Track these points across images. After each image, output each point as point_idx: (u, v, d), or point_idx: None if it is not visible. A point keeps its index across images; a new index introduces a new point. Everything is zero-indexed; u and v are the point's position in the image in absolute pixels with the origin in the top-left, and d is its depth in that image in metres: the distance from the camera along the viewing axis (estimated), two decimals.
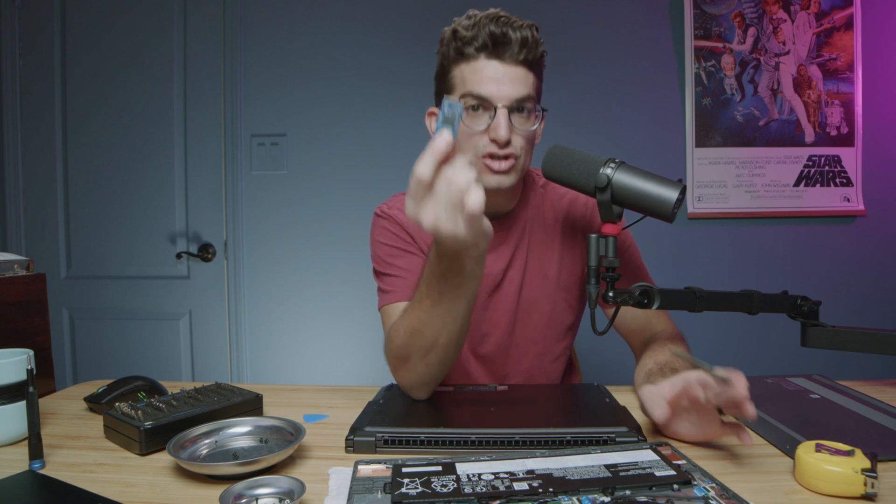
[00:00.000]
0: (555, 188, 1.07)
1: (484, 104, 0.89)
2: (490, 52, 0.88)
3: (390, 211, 1.06)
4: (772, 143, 2.00)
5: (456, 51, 0.91)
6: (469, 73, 0.90)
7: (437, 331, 0.78)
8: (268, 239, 2.09)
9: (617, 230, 0.80)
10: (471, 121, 0.91)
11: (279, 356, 2.09)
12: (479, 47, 0.88)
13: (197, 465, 0.63)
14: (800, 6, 1.98)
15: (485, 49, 0.88)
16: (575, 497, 0.54)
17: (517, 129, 0.90)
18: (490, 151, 0.90)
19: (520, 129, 0.90)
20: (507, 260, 1.03)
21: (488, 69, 0.89)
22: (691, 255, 2.03)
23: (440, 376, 0.85)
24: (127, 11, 2.08)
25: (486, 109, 0.90)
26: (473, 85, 0.89)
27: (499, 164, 0.91)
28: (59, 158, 2.13)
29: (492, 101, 0.88)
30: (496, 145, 0.89)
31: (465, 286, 0.75)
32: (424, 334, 0.79)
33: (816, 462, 0.57)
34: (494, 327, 1.04)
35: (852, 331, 0.96)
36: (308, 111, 2.06)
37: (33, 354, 0.74)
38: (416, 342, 0.80)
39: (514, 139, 0.90)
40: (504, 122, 0.88)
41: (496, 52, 0.88)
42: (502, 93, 0.88)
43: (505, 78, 0.88)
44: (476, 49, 0.89)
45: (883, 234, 2.02)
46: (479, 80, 0.89)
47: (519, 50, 0.88)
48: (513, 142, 0.90)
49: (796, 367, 1.89)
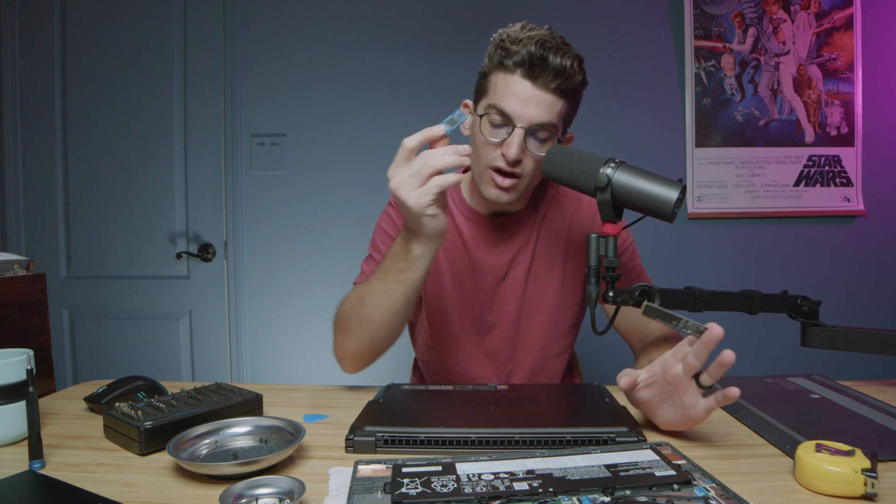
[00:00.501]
0: (566, 190, 1.08)
1: (505, 120, 0.90)
2: (526, 71, 0.89)
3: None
4: (772, 143, 2.00)
5: (498, 59, 0.91)
6: (501, 85, 0.91)
7: (374, 305, 0.88)
8: (268, 239, 2.09)
9: (617, 230, 0.80)
10: (490, 132, 0.92)
11: (279, 356, 2.09)
12: (517, 63, 0.89)
13: (197, 465, 0.63)
14: (800, 6, 1.98)
15: (522, 66, 0.89)
16: (575, 497, 0.54)
17: (530, 152, 0.91)
18: (498, 166, 0.92)
19: (532, 152, 0.92)
20: (512, 255, 1.05)
21: (519, 87, 0.89)
22: (691, 255, 2.02)
23: (370, 354, 0.94)
24: (127, 11, 2.08)
25: (506, 125, 0.91)
26: (501, 98, 0.90)
27: (502, 180, 0.93)
28: (59, 158, 2.13)
29: (512, 119, 0.89)
30: (505, 161, 0.91)
31: (407, 273, 0.84)
32: (364, 306, 0.89)
33: (816, 462, 0.57)
34: (500, 320, 1.07)
35: (852, 331, 0.96)
36: (308, 111, 2.06)
37: (33, 354, 0.74)
38: (356, 311, 0.90)
39: (525, 161, 0.92)
40: (517, 143, 0.89)
41: (531, 73, 0.88)
42: (525, 114, 0.89)
43: (532, 100, 0.89)
44: (514, 64, 0.89)
45: (883, 234, 2.02)
46: (507, 94, 0.90)
47: (554, 77, 0.88)
48: (523, 163, 0.92)
49: (796, 367, 1.89)
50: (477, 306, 1.06)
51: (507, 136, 0.90)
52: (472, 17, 1.96)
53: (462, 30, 1.97)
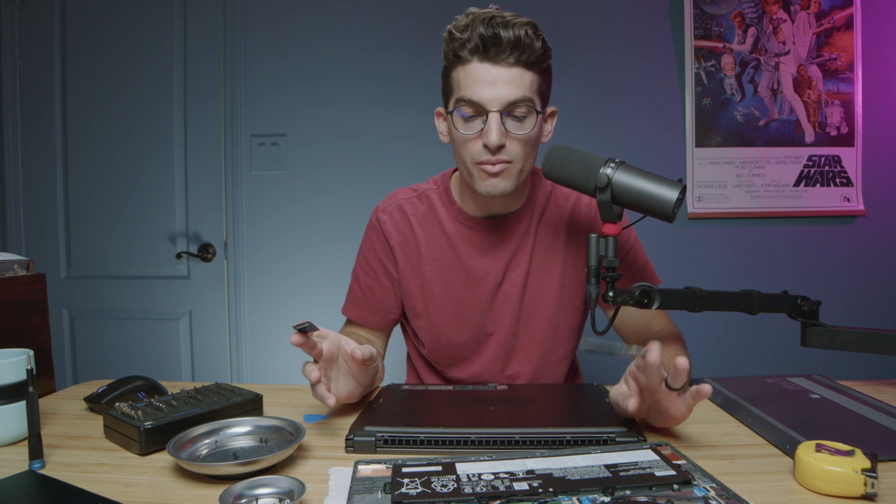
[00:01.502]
0: (562, 188, 1.05)
1: (476, 109, 0.88)
2: (482, 54, 0.86)
3: (383, 216, 1.07)
4: (772, 143, 2.00)
5: (453, 53, 0.89)
6: (463, 77, 0.89)
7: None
8: (268, 239, 2.09)
9: (617, 230, 0.80)
10: (464, 127, 0.89)
11: (279, 356, 2.09)
12: (471, 50, 0.87)
13: (197, 466, 0.63)
14: (800, 6, 1.98)
15: (476, 52, 0.86)
16: (575, 497, 0.54)
17: (512, 134, 0.88)
18: (483, 159, 0.89)
19: (515, 132, 0.88)
20: (508, 259, 1.02)
21: (480, 72, 0.87)
22: (691, 255, 2.02)
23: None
24: (127, 11, 2.08)
25: (479, 114, 0.88)
26: (466, 89, 0.88)
27: (491, 167, 0.89)
28: (59, 158, 2.13)
29: (483, 106, 0.87)
30: (488, 151, 0.88)
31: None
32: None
33: (816, 462, 0.57)
34: (498, 327, 1.04)
35: (852, 331, 0.96)
36: (308, 111, 2.06)
37: (33, 354, 0.74)
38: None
39: (508, 144, 0.88)
40: (495, 128, 0.86)
41: (487, 54, 0.86)
42: (494, 96, 0.86)
43: (498, 80, 0.86)
44: (469, 52, 0.87)
45: (883, 234, 2.02)
46: (470, 83, 0.87)
47: (511, 51, 0.85)
48: (507, 147, 0.88)
49: (796, 367, 1.89)
50: (473, 315, 1.03)
51: (482, 125, 0.87)
52: None
53: None
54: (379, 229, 1.07)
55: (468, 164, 0.92)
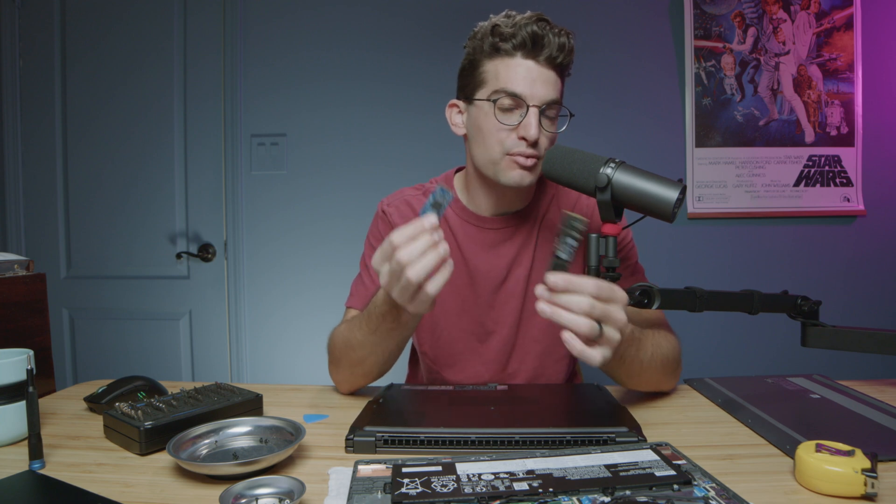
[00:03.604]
0: (565, 190, 1.07)
1: (517, 102, 0.90)
2: (527, 51, 0.90)
3: (389, 209, 1.08)
4: (772, 143, 2.00)
5: (492, 46, 0.91)
6: (504, 70, 0.91)
7: (366, 353, 0.89)
8: (268, 239, 2.09)
9: (617, 230, 0.80)
10: (502, 117, 0.92)
11: (279, 356, 2.09)
12: (517, 45, 0.89)
13: (197, 466, 0.63)
14: (800, 6, 1.98)
15: (522, 48, 0.89)
16: (575, 497, 0.54)
17: (544, 131, 0.92)
18: (517, 151, 0.92)
19: (546, 130, 0.92)
20: (512, 257, 1.03)
21: (523, 68, 0.90)
22: (691, 255, 2.02)
23: (366, 382, 0.96)
24: (127, 11, 2.08)
25: (518, 108, 0.91)
26: (508, 82, 0.90)
27: (524, 160, 0.92)
28: (59, 158, 2.13)
29: (525, 100, 0.90)
30: (525, 143, 0.91)
31: (398, 331, 0.85)
32: (356, 351, 0.90)
33: (816, 462, 0.57)
34: (499, 325, 1.04)
35: (852, 331, 0.96)
36: (308, 111, 2.06)
37: (33, 354, 0.74)
38: (347, 354, 0.91)
39: (540, 140, 0.92)
40: (535, 122, 0.89)
41: (533, 52, 0.89)
42: (535, 93, 0.89)
43: (539, 79, 0.90)
44: (514, 46, 0.90)
45: (883, 234, 2.02)
46: (513, 77, 0.90)
47: (555, 54, 0.90)
48: (539, 142, 0.92)
49: (796, 367, 1.89)
50: (475, 313, 1.04)
51: (520, 118, 0.90)
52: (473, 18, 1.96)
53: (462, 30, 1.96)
54: (386, 219, 1.08)
55: (496, 154, 0.93)
